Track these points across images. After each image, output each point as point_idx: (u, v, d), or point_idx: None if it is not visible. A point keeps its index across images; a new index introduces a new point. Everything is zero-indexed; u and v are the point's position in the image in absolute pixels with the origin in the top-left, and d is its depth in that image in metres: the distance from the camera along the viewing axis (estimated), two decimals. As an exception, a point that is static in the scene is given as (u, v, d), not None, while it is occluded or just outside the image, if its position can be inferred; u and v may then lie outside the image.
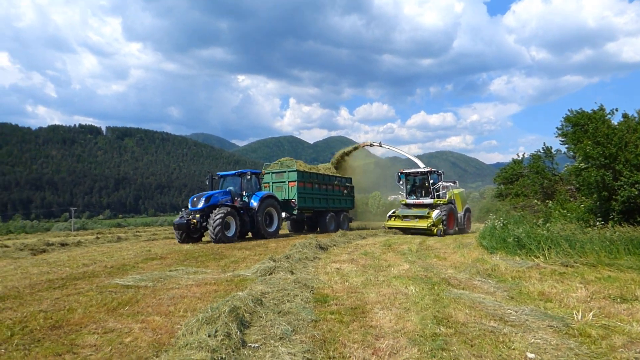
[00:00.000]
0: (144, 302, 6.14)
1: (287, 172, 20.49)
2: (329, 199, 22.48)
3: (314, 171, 22.63)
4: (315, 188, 21.36)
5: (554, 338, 4.36)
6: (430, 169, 21.48)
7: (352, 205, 25.25)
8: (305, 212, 21.04)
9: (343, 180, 24.65)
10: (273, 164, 22.98)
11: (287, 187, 20.18)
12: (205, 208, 15.50)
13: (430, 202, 20.49)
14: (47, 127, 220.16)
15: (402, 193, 22.13)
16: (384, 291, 6.64)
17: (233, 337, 3.85)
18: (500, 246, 10.68)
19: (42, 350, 4.22)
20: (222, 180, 17.87)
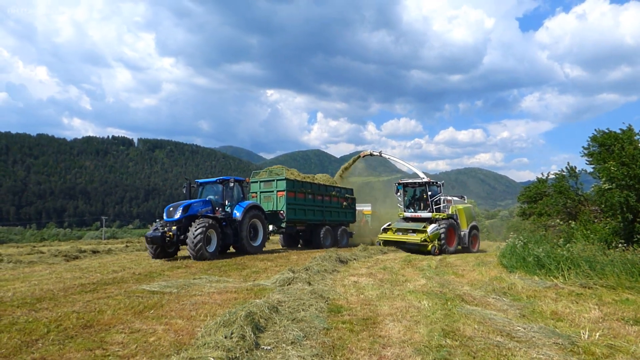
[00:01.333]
0: (168, 306, 6.54)
1: (275, 181, 18.59)
2: (325, 211, 20.49)
3: (308, 180, 20.63)
4: (308, 199, 19.43)
5: (556, 355, 4.48)
6: (429, 180, 19.78)
7: (353, 219, 23.35)
8: (296, 225, 19.01)
9: (342, 191, 22.63)
10: (262, 172, 20.94)
11: (275, 198, 18.35)
12: (182, 219, 13.58)
13: (429, 216, 18.90)
14: (81, 139, 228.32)
15: (400, 205, 20.55)
16: (397, 304, 6.83)
17: (247, 339, 4.16)
18: (519, 265, 10.67)
19: (75, 345, 4.62)
20: (202, 189, 15.92)
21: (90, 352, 4.36)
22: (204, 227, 12.99)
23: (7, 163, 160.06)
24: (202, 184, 15.91)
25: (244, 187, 16.46)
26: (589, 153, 14.75)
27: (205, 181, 15.86)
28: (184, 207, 13.67)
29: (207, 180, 15.82)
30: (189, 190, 15.60)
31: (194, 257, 12.80)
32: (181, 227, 13.49)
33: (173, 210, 13.71)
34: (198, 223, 13.09)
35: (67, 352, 4.38)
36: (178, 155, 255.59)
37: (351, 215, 22.79)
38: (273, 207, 18.16)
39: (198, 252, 12.75)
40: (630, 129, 14.08)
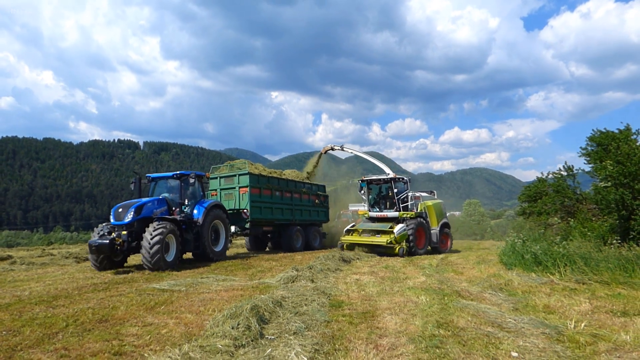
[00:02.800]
0: (177, 302, 6.90)
1: (237, 176, 16.67)
2: (295, 210, 18.71)
3: (275, 175, 18.88)
4: (275, 196, 17.63)
5: (542, 342, 4.78)
6: (394, 176, 18.11)
7: (326, 218, 21.54)
8: (263, 225, 17.14)
9: (314, 187, 20.86)
10: (222, 167, 18.85)
11: (237, 195, 16.42)
12: (134, 222, 11.44)
13: (395, 216, 17.13)
14: (87, 142, 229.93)
15: (365, 205, 18.76)
16: (396, 300, 7.15)
17: (253, 329, 4.50)
18: (518, 263, 10.94)
19: (92, 337, 4.98)
20: (154, 185, 13.52)
21: (107, 343, 4.71)
22: (163, 231, 10.94)
23: (14, 167, 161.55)
24: (155, 179, 13.64)
25: (204, 184, 14.54)
26: (587, 152, 14.99)
27: (159, 176, 13.71)
28: (137, 208, 11.49)
29: (162, 175, 13.66)
30: (138, 186, 13.21)
31: (150, 267, 10.80)
32: (133, 231, 11.41)
33: (122, 212, 11.47)
34: (155, 227, 10.99)
35: (86, 343, 4.73)
36: (184, 157, 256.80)
37: (324, 215, 21.22)
38: (235, 206, 16.32)
39: (154, 261, 10.73)
40: (627, 129, 14.32)
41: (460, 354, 4.31)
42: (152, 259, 10.71)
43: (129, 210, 11.41)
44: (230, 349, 4.07)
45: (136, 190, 13.21)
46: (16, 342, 4.80)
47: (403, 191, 17.64)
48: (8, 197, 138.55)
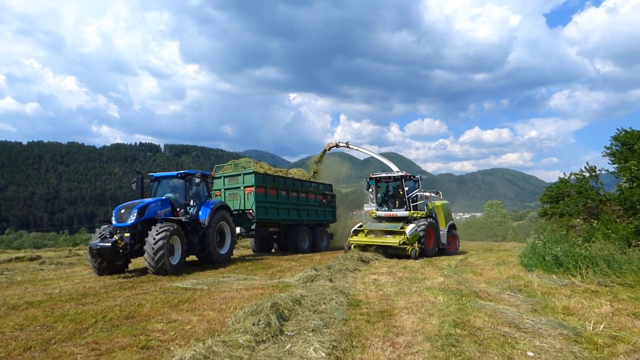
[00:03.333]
0: (200, 301, 7.12)
1: (242, 175, 16.03)
2: (302, 210, 18.11)
3: (281, 174, 18.28)
4: (281, 196, 17.01)
5: (559, 343, 4.80)
6: (405, 174, 17.20)
7: (334, 218, 20.90)
8: (269, 226, 16.56)
9: (320, 186, 20.21)
10: (226, 166, 18.26)
11: (242, 195, 15.78)
12: (137, 224, 10.83)
13: (405, 215, 16.49)
14: (110, 146, 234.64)
15: (372, 204, 17.85)
16: (414, 299, 7.22)
17: (273, 326, 4.67)
18: (538, 264, 10.85)
19: (120, 332, 5.22)
20: (157, 185, 13.03)
21: (135, 338, 4.93)
22: (167, 233, 10.36)
23: (40, 171, 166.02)
24: (158, 179, 13.06)
25: (209, 184, 13.93)
26: (612, 152, 14.74)
27: (163, 175, 13.10)
28: (140, 209, 10.91)
29: (166, 175, 13.06)
30: (141, 186, 12.66)
31: (154, 270, 10.25)
32: (136, 234, 10.77)
33: (125, 213, 10.86)
34: (160, 228, 10.43)
35: (115, 337, 4.96)
36: (204, 160, 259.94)
37: (331, 214, 20.58)
38: (240, 206, 15.67)
39: (159, 264, 10.19)
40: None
41: (476, 352, 4.37)
42: (156, 262, 10.15)
43: (132, 212, 10.80)
44: (251, 344, 4.24)
45: (138, 191, 12.64)
46: (50, 336, 5.07)
47: (413, 190, 17.01)
48: (35, 200, 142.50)
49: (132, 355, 4.29)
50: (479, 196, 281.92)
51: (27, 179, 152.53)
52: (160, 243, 10.17)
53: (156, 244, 10.16)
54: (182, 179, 12.56)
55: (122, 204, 11.35)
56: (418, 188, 17.03)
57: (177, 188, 12.77)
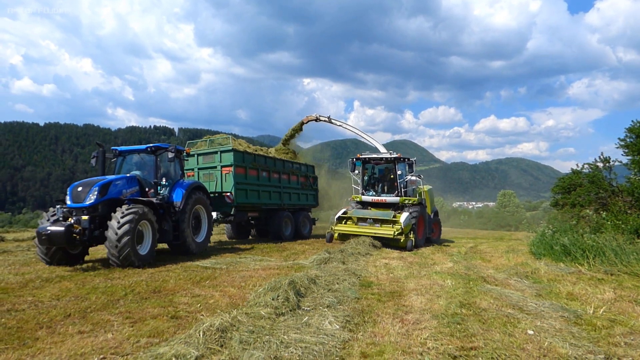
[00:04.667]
0: (220, 278, 7.56)
1: (219, 153, 14.19)
2: (283, 193, 16.52)
3: (261, 153, 16.40)
4: (262, 177, 15.37)
5: (559, 324, 5.11)
6: (398, 155, 15.41)
7: (316, 202, 19.39)
8: (248, 211, 14.95)
9: (302, 167, 18.59)
10: (200, 142, 16.25)
11: (219, 176, 14.07)
12: (98, 204, 9.12)
13: (396, 201, 15.01)
14: (125, 128, 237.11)
15: (357, 187, 16.06)
16: (423, 282, 7.56)
17: (291, 300, 5.05)
18: (547, 253, 11.09)
19: (150, 303, 5.65)
20: (122, 161, 11.14)
21: (163, 309, 5.36)
22: (135, 216, 8.75)
23: (57, 152, 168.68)
24: (123, 153, 11.14)
25: (183, 161, 12.11)
26: (626, 144, 14.78)
27: (129, 149, 11.14)
28: (102, 187, 9.18)
29: (132, 148, 11.11)
30: (102, 161, 10.73)
31: (118, 262, 8.62)
32: (96, 217, 9.04)
33: (83, 191, 9.11)
34: (126, 210, 8.80)
35: (146, 308, 5.40)
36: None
37: (313, 198, 19.08)
38: (216, 188, 14.04)
39: (123, 255, 8.55)
40: (669, 120, 14.03)
41: (479, 329, 4.70)
42: (120, 252, 8.48)
43: (92, 190, 9.05)
44: (271, 316, 4.63)
45: (99, 167, 10.67)
46: (85, 305, 5.52)
47: (405, 174, 15.54)
48: (51, 181, 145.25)
49: (164, 323, 4.71)
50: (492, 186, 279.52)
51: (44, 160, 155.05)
52: (125, 228, 8.53)
53: (120, 228, 8.51)
54: (152, 153, 10.78)
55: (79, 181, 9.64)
56: (412, 172, 15.58)
57: (146, 165, 10.96)
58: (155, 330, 4.45)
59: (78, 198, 9.09)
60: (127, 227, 8.56)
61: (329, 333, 4.28)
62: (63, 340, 4.15)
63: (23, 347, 3.98)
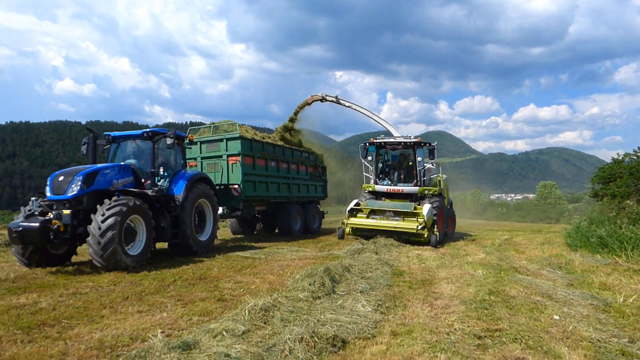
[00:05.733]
0: (260, 267, 8.06)
1: (225, 141, 12.99)
2: (292, 185, 15.29)
3: (269, 141, 15.04)
4: (271, 167, 14.13)
5: (587, 311, 5.26)
6: (418, 139, 13.91)
7: (325, 194, 18.06)
8: (256, 205, 13.81)
9: (311, 157, 17.22)
10: (203, 129, 14.77)
11: (225, 166, 12.84)
12: (83, 196, 7.98)
13: (415, 191, 13.50)
14: (162, 125, 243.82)
15: (370, 175, 14.55)
16: (454, 272, 7.78)
17: (326, 286, 5.45)
18: (583, 244, 11.01)
19: (197, 288, 6.18)
20: (116, 148, 10.02)
21: (210, 293, 5.87)
22: (122, 209, 7.61)
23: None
24: (118, 140, 10.02)
25: (185, 149, 11.09)
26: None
27: (123, 135, 10.04)
28: (87, 176, 8.04)
29: (127, 134, 9.99)
30: (92, 149, 9.66)
31: (101, 263, 7.44)
32: (80, 211, 7.87)
33: (65, 181, 7.96)
34: (112, 203, 7.67)
35: (194, 292, 5.92)
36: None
37: (322, 190, 17.75)
38: (222, 180, 12.74)
39: (108, 254, 7.34)
40: None
41: (506, 314, 4.93)
42: (104, 250, 7.29)
43: (75, 179, 7.89)
44: (309, 299, 5.04)
45: (89, 155, 9.60)
46: (140, 290, 6.09)
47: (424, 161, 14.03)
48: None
49: (211, 305, 5.20)
50: (532, 177, 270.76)
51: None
52: (110, 222, 7.36)
53: (105, 222, 7.35)
54: (149, 140, 9.64)
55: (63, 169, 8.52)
56: (433, 159, 13.86)
57: (143, 153, 9.83)
58: (205, 310, 4.94)
59: (59, 189, 7.91)
60: (112, 220, 7.38)
61: (361, 314, 4.64)
62: (125, 318, 4.69)
63: (92, 322, 4.54)
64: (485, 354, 3.73)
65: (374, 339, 4.06)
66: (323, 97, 18.67)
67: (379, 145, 14.29)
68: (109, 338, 3.99)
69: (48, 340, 3.97)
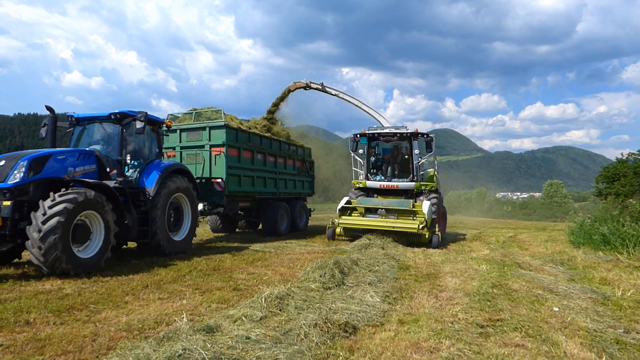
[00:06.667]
0: (270, 260, 8.36)
1: (208, 130, 11.75)
2: (279, 180, 14.23)
3: (256, 132, 13.65)
4: (257, 160, 13.04)
5: (586, 304, 5.49)
6: (415, 130, 12.74)
7: (312, 191, 17.14)
8: (240, 201, 12.62)
9: (299, 150, 16.17)
10: (183, 115, 13.24)
11: (207, 157, 11.62)
12: (28, 185, 6.79)
13: (411, 187, 12.54)
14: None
15: (360, 170, 13.48)
16: (459, 267, 8.03)
17: (336, 277, 5.74)
18: (585, 242, 11.22)
19: (213, 278, 6.49)
20: (80, 132, 8.71)
21: (225, 283, 6.17)
22: (68, 206, 6.40)
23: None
24: (83, 122, 8.69)
25: (162, 136, 9.73)
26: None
27: (89, 116, 8.64)
28: (33, 162, 6.86)
29: (93, 115, 8.63)
30: (52, 131, 8.30)
31: (44, 269, 6.34)
32: (25, 202, 6.74)
33: (6, 167, 6.78)
34: (58, 197, 6.48)
35: (210, 282, 6.23)
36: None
37: (309, 186, 16.81)
38: (203, 173, 11.59)
39: (51, 260, 6.23)
40: None
41: (507, 306, 5.18)
42: (46, 256, 6.20)
43: (19, 164, 6.73)
44: (320, 289, 5.33)
45: (48, 139, 8.28)
46: (158, 279, 6.40)
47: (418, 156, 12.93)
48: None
49: (228, 293, 5.49)
50: (538, 175, 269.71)
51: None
52: (52, 223, 6.21)
53: (47, 223, 6.21)
54: (117, 123, 8.33)
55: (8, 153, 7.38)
56: (431, 152, 12.97)
57: (111, 138, 8.57)
58: (222, 298, 5.24)
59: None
60: (54, 222, 6.20)
61: (370, 304, 4.91)
62: (147, 304, 4.99)
63: (117, 307, 4.84)
64: (487, 341, 3.98)
65: (382, 326, 4.33)
66: (307, 84, 17.24)
67: (371, 136, 13.13)
68: (135, 321, 4.29)
69: (79, 323, 4.27)
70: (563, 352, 3.73)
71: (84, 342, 3.70)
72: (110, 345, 3.62)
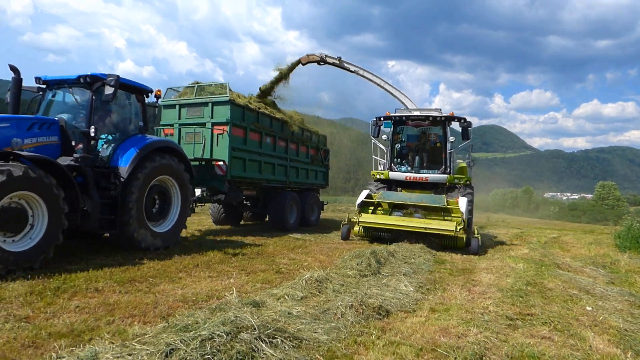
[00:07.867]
0: (310, 248, 8.81)
1: (210, 105, 10.54)
2: (290, 168, 12.92)
3: (264, 111, 12.05)
4: (265, 144, 11.72)
5: (622, 306, 5.51)
6: (451, 114, 11.16)
7: (326, 182, 15.87)
8: (244, 188, 11.55)
9: (314, 137, 14.81)
10: (185, 89, 11.61)
11: (209, 136, 10.38)
12: None
13: (443, 180, 11.08)
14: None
15: (382, 159, 12.00)
16: (495, 264, 8.13)
17: (372, 266, 6.05)
18: (632, 246, 10.94)
19: (257, 262, 6.97)
20: (51, 97, 7.44)
21: (268, 266, 6.63)
22: None
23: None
24: (52, 86, 7.37)
25: (146, 109, 8.22)
26: None
27: (58, 79, 7.28)
28: None
29: (61, 78, 7.25)
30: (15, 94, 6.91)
31: None
32: None
33: None
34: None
35: (255, 264, 6.71)
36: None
37: (323, 177, 15.47)
38: (203, 154, 10.33)
39: None
40: None
41: (539, 302, 5.31)
42: None
43: None
44: (356, 276, 5.68)
45: (11, 103, 6.90)
46: (207, 259, 6.93)
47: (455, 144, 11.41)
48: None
49: (271, 275, 5.94)
50: (592, 176, 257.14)
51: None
52: None
53: None
54: (88, 87, 6.96)
55: None
56: (468, 139, 11.31)
57: (82, 106, 7.17)
58: (266, 279, 5.68)
59: None
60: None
61: (404, 292, 5.19)
62: (199, 281, 5.50)
63: (173, 282, 5.37)
64: (515, 332, 4.18)
65: (414, 312, 4.60)
66: (322, 57, 15.01)
67: (397, 120, 11.48)
68: (189, 294, 4.78)
69: (140, 293, 4.80)
70: (589, 346, 3.87)
71: (146, 308, 4.21)
72: (170, 312, 4.11)
